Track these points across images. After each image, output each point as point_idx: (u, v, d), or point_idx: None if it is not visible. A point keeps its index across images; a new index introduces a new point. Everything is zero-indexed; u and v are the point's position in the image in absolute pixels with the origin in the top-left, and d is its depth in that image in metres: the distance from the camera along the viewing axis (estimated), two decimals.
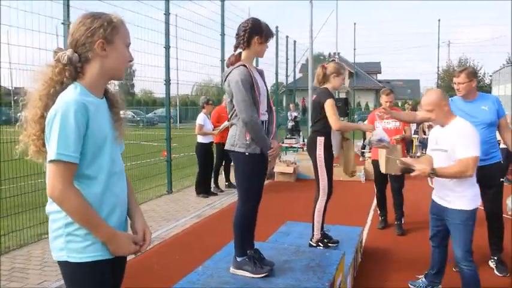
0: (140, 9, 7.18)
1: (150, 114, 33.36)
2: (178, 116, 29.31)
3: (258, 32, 2.94)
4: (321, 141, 3.95)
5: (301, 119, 18.32)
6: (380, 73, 43.31)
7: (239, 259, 3.02)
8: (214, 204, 7.33)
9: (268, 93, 3.09)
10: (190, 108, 32.51)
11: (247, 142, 2.87)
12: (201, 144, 7.77)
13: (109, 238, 1.66)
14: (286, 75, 15.94)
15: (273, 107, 3.15)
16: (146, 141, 10.50)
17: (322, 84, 4.12)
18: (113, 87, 1.95)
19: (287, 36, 15.52)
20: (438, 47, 20.86)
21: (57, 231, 1.65)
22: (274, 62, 14.16)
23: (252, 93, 2.85)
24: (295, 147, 12.88)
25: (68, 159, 1.56)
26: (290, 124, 16.75)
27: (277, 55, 14.25)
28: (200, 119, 7.73)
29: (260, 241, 3.47)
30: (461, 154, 3.07)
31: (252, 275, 2.93)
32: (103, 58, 1.70)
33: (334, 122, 3.92)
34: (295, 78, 18.02)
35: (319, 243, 4.01)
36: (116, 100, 1.82)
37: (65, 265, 1.66)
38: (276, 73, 14.59)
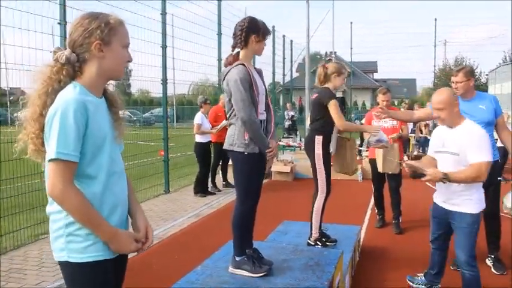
0: (137, 9, 7.20)
1: (147, 114, 33.24)
2: (175, 116, 29.26)
3: (255, 30, 2.93)
4: (320, 140, 3.95)
5: (298, 118, 18.33)
6: (376, 72, 43.50)
7: (238, 258, 3.01)
8: (212, 203, 7.32)
9: (266, 92, 3.09)
10: (187, 107, 32.44)
11: (246, 142, 2.86)
12: (199, 143, 7.75)
13: (110, 237, 1.65)
14: (283, 74, 15.98)
15: (271, 106, 3.15)
16: (143, 141, 10.48)
17: (323, 83, 4.10)
18: (111, 87, 1.95)
19: (284, 35, 15.59)
20: (435, 46, 21.09)
21: (57, 231, 1.64)
22: (271, 62, 14.22)
23: (251, 92, 2.84)
24: (292, 146, 12.89)
25: (68, 157, 1.55)
26: (287, 123, 16.80)
27: (274, 54, 14.28)
28: (198, 119, 7.72)
29: (258, 240, 3.46)
30: (473, 159, 2.98)
31: (251, 274, 2.93)
32: (100, 59, 1.69)
33: (339, 122, 3.93)
34: (292, 77, 18.06)
35: (317, 242, 4.01)
36: (115, 100, 1.82)
37: (66, 265, 1.65)
38: (273, 72, 14.63)
